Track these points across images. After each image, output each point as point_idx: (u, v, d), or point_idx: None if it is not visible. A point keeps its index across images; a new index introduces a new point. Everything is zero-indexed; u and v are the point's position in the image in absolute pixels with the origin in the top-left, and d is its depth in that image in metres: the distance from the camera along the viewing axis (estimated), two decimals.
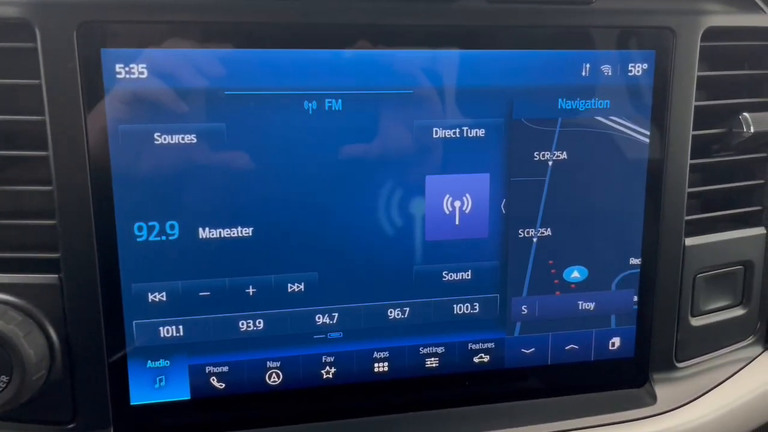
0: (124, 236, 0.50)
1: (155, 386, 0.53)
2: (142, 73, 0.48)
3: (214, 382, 0.54)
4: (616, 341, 0.61)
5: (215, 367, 0.54)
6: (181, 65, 0.48)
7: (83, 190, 0.48)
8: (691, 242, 0.60)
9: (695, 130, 0.58)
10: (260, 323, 0.53)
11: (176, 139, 0.49)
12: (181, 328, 0.52)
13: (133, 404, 0.53)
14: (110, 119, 0.48)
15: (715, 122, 0.60)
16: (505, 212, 0.56)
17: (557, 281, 0.58)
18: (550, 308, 0.59)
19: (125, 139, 0.48)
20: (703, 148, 0.60)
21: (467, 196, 0.55)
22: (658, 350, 0.61)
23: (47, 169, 0.48)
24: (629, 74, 0.55)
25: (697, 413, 0.61)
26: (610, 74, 0.55)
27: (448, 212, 0.55)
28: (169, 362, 0.53)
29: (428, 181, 0.54)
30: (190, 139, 0.49)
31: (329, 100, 0.51)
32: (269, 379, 0.55)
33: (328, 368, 0.56)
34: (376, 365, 0.57)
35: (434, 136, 0.53)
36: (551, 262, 0.58)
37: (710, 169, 0.62)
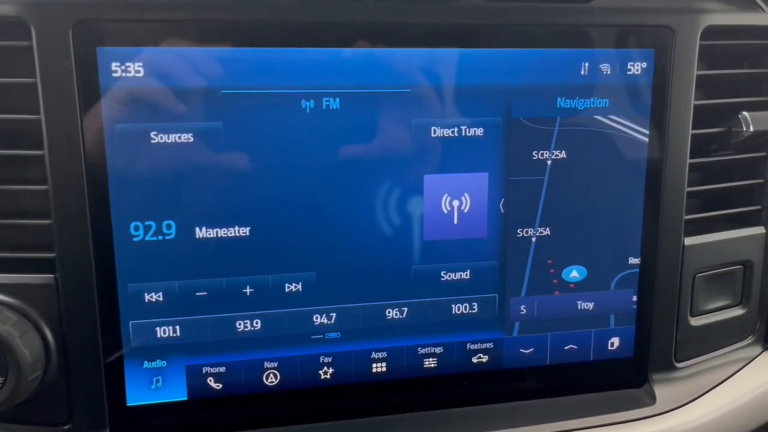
0: (120, 236, 0.49)
1: (152, 387, 0.53)
2: (138, 71, 0.47)
3: (211, 382, 0.54)
4: (615, 341, 0.60)
5: (212, 367, 0.53)
6: (177, 64, 0.48)
7: (79, 189, 0.48)
8: (690, 242, 0.60)
9: (694, 129, 0.58)
10: (257, 323, 0.53)
11: (173, 138, 0.49)
12: (177, 328, 0.52)
13: (129, 405, 0.52)
14: (106, 118, 0.47)
15: (714, 121, 0.60)
16: (503, 212, 0.56)
17: (556, 281, 0.58)
18: (549, 308, 0.58)
19: (121, 138, 0.48)
20: (702, 147, 0.60)
21: (466, 195, 0.55)
22: (657, 350, 0.61)
23: (43, 168, 0.48)
24: (628, 73, 0.55)
25: (696, 413, 0.61)
26: (609, 73, 0.55)
27: (446, 212, 0.55)
28: (165, 363, 0.52)
29: (426, 180, 0.54)
30: (186, 138, 0.49)
31: (327, 99, 0.51)
32: (267, 379, 0.55)
33: (326, 368, 0.55)
34: (374, 365, 0.56)
35: (432, 135, 0.53)
36: (550, 261, 0.57)
37: (709, 168, 0.62)
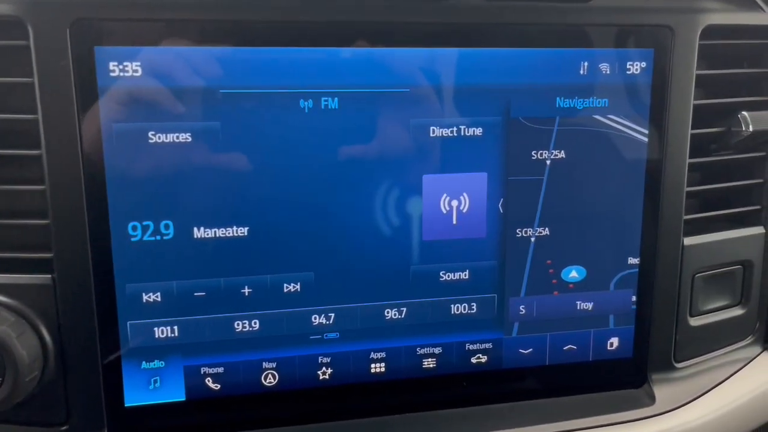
0: (118, 236, 0.49)
1: (150, 387, 0.52)
2: (136, 71, 0.47)
3: (209, 383, 0.53)
4: (614, 341, 0.60)
5: (210, 368, 0.53)
6: (175, 63, 0.48)
7: (77, 189, 0.48)
8: (689, 242, 0.60)
9: (694, 128, 0.58)
10: (256, 324, 0.53)
11: (171, 137, 0.49)
12: (176, 328, 0.52)
13: (127, 406, 0.52)
14: (104, 118, 0.47)
15: (713, 121, 0.60)
16: (502, 212, 0.55)
17: (555, 281, 0.58)
18: (548, 308, 0.58)
19: (119, 137, 0.48)
20: (701, 147, 0.60)
21: (464, 195, 0.55)
22: (656, 350, 0.61)
23: (40, 168, 0.47)
24: (627, 73, 0.55)
25: (695, 414, 0.61)
26: (608, 73, 0.55)
27: (445, 212, 0.54)
28: (163, 363, 0.52)
29: (425, 180, 0.53)
30: (184, 138, 0.49)
31: (325, 98, 0.50)
32: (265, 380, 0.54)
33: (324, 369, 0.55)
34: (372, 366, 0.56)
35: (431, 134, 0.53)
36: (549, 261, 0.57)
37: (709, 168, 0.62)
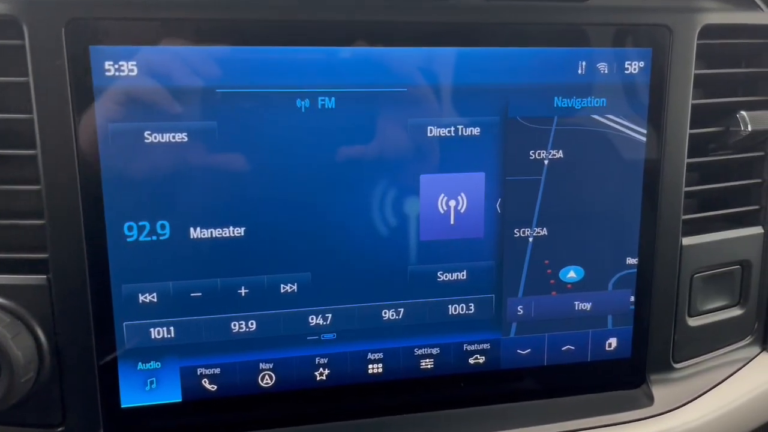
0: (113, 236, 0.49)
1: (146, 388, 0.52)
2: (131, 70, 0.47)
3: (205, 384, 0.53)
4: (612, 342, 0.60)
5: (207, 368, 0.53)
6: (171, 63, 0.47)
7: (72, 189, 0.48)
8: (688, 242, 0.60)
9: (692, 128, 0.58)
10: (252, 324, 0.53)
11: (167, 137, 0.48)
12: (172, 329, 0.51)
13: (123, 407, 0.52)
14: (99, 117, 0.47)
15: (712, 121, 0.60)
16: (500, 212, 0.55)
17: (553, 281, 0.58)
18: (546, 309, 0.58)
19: (115, 137, 0.48)
20: (700, 146, 0.60)
21: (462, 195, 0.54)
22: (655, 351, 0.61)
23: (35, 168, 0.47)
24: (625, 72, 0.55)
25: (694, 414, 0.60)
26: (606, 72, 0.55)
27: (442, 212, 0.54)
28: (160, 364, 0.52)
29: (423, 180, 0.53)
30: (181, 137, 0.49)
31: (322, 98, 0.50)
32: (262, 381, 0.54)
33: (321, 370, 0.55)
34: (370, 366, 0.56)
35: (429, 134, 0.53)
36: (547, 262, 0.57)
37: (707, 168, 0.62)
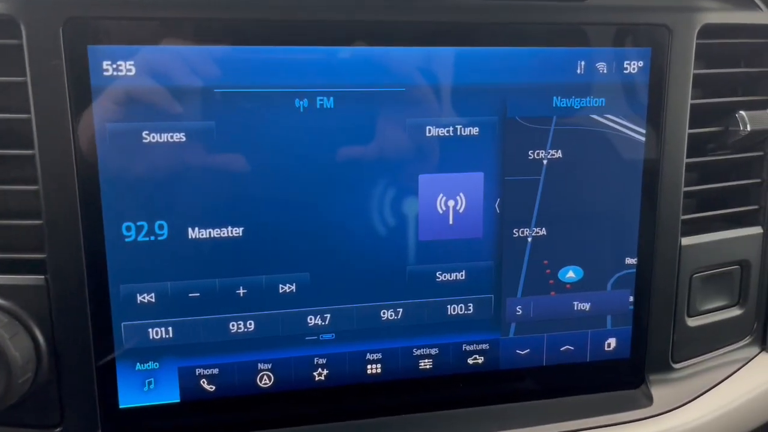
0: (112, 236, 0.49)
1: (144, 389, 0.52)
2: (129, 70, 0.47)
3: (204, 384, 0.53)
4: (611, 342, 0.60)
5: (205, 369, 0.53)
6: (169, 62, 0.47)
7: (70, 189, 0.47)
8: (687, 242, 0.60)
9: (691, 128, 0.58)
10: (251, 325, 0.53)
11: (165, 137, 0.48)
12: (170, 329, 0.51)
13: (121, 407, 0.52)
14: (97, 117, 0.47)
15: (711, 120, 0.60)
16: (499, 212, 0.55)
17: (552, 281, 0.57)
18: (545, 309, 0.58)
19: (113, 137, 0.47)
20: (699, 146, 0.60)
21: (461, 195, 0.54)
22: (654, 351, 0.61)
23: (33, 168, 0.47)
24: (624, 72, 0.55)
25: (693, 415, 0.60)
26: (605, 72, 0.55)
27: (441, 212, 0.54)
28: (158, 364, 0.52)
29: (421, 180, 0.53)
30: (179, 137, 0.48)
31: (321, 98, 0.50)
32: (260, 381, 0.54)
33: (320, 370, 0.55)
34: (369, 367, 0.56)
35: (427, 134, 0.52)
36: (546, 262, 0.57)
37: (706, 168, 0.62)
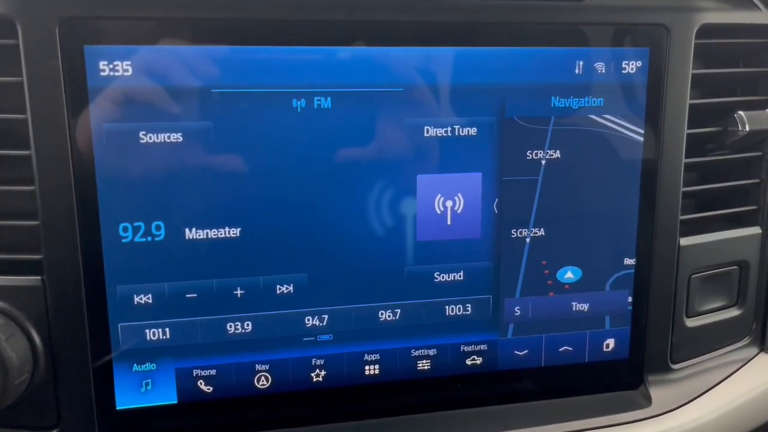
0: (108, 237, 0.49)
1: (141, 390, 0.52)
2: (126, 70, 0.47)
3: (201, 385, 0.53)
4: (610, 342, 0.60)
5: (203, 370, 0.53)
6: (166, 63, 0.47)
7: (66, 189, 0.47)
8: (685, 242, 0.60)
9: (690, 128, 0.58)
10: (248, 325, 0.52)
11: (162, 138, 0.48)
12: (167, 330, 0.51)
13: (118, 409, 0.52)
14: (94, 118, 0.47)
15: (709, 121, 0.60)
16: (497, 212, 0.55)
17: (551, 282, 0.57)
18: (543, 309, 0.58)
19: (110, 138, 0.47)
20: (697, 146, 0.60)
21: (459, 195, 0.54)
22: (652, 351, 0.61)
23: (30, 168, 0.47)
24: (623, 72, 0.55)
25: (692, 415, 0.60)
26: (603, 72, 0.54)
27: (439, 212, 0.54)
28: (155, 365, 0.52)
29: (419, 180, 0.53)
30: (176, 138, 0.48)
31: (318, 98, 0.50)
32: (258, 382, 0.54)
33: (318, 371, 0.55)
34: (366, 368, 0.56)
35: (425, 134, 0.52)
36: (544, 262, 0.57)
37: (705, 168, 0.62)
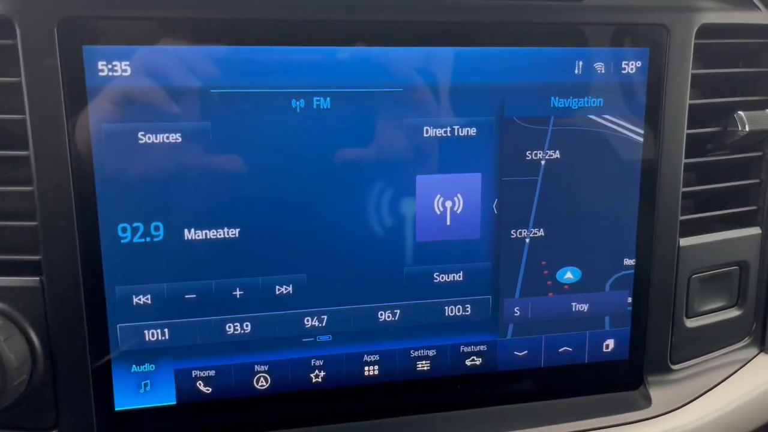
0: (107, 238, 0.49)
1: (140, 391, 0.52)
2: (125, 70, 0.47)
3: (200, 386, 0.53)
4: (610, 343, 0.60)
5: (202, 371, 0.53)
6: (165, 63, 0.47)
7: (65, 190, 0.47)
8: (685, 242, 0.60)
9: (690, 128, 0.58)
10: (247, 326, 0.52)
11: (161, 138, 0.48)
12: (166, 331, 0.51)
13: (117, 410, 0.52)
14: (93, 118, 0.47)
15: (709, 121, 0.60)
16: (497, 212, 0.55)
17: (550, 282, 0.57)
18: (543, 310, 0.58)
19: (108, 138, 0.47)
20: (697, 147, 0.60)
21: (458, 196, 0.54)
22: (652, 352, 0.61)
23: (28, 169, 0.47)
24: (623, 72, 0.55)
25: (692, 416, 0.60)
26: (603, 72, 0.54)
27: (439, 213, 0.54)
28: (154, 366, 0.52)
29: (419, 181, 0.53)
30: (175, 138, 0.48)
31: (317, 98, 0.50)
32: (257, 383, 0.54)
33: (317, 372, 0.55)
34: (366, 368, 0.56)
35: (425, 135, 0.52)
36: (544, 263, 0.57)
37: (705, 168, 0.61)
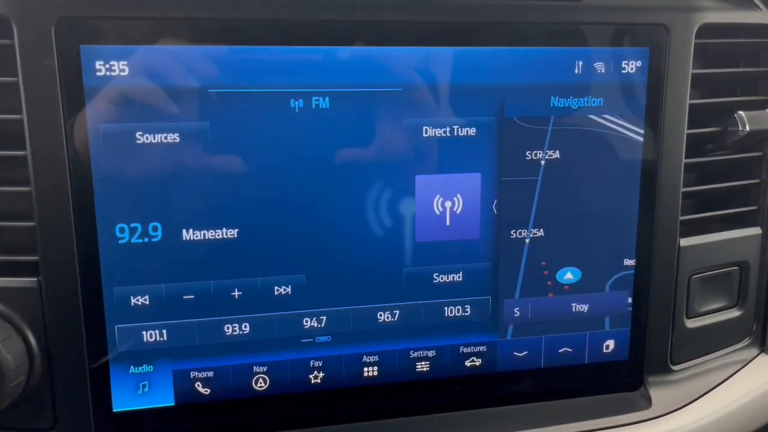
0: (105, 238, 0.48)
1: (138, 392, 0.52)
2: (123, 70, 0.46)
3: (199, 387, 0.53)
4: (610, 344, 0.60)
5: (200, 372, 0.52)
6: (163, 62, 0.47)
7: (63, 190, 0.47)
8: (685, 243, 0.59)
9: (690, 128, 0.57)
10: (246, 327, 0.52)
11: (159, 138, 0.48)
12: (164, 332, 0.51)
13: (115, 411, 0.51)
14: (90, 118, 0.47)
15: (709, 121, 0.60)
16: (496, 213, 0.55)
17: (550, 283, 0.57)
18: (543, 310, 0.58)
19: (106, 138, 0.47)
20: (697, 147, 0.60)
21: (458, 196, 0.54)
22: (652, 352, 0.61)
23: (26, 169, 0.47)
24: (623, 72, 0.55)
25: (692, 417, 0.60)
26: (603, 72, 0.54)
27: (438, 213, 0.54)
28: (152, 367, 0.51)
29: (418, 181, 0.53)
30: (173, 138, 0.48)
31: (316, 98, 0.50)
32: (256, 384, 0.54)
33: (316, 373, 0.55)
34: (365, 369, 0.55)
35: (424, 135, 0.52)
36: (544, 263, 0.57)
37: (705, 168, 0.61)
